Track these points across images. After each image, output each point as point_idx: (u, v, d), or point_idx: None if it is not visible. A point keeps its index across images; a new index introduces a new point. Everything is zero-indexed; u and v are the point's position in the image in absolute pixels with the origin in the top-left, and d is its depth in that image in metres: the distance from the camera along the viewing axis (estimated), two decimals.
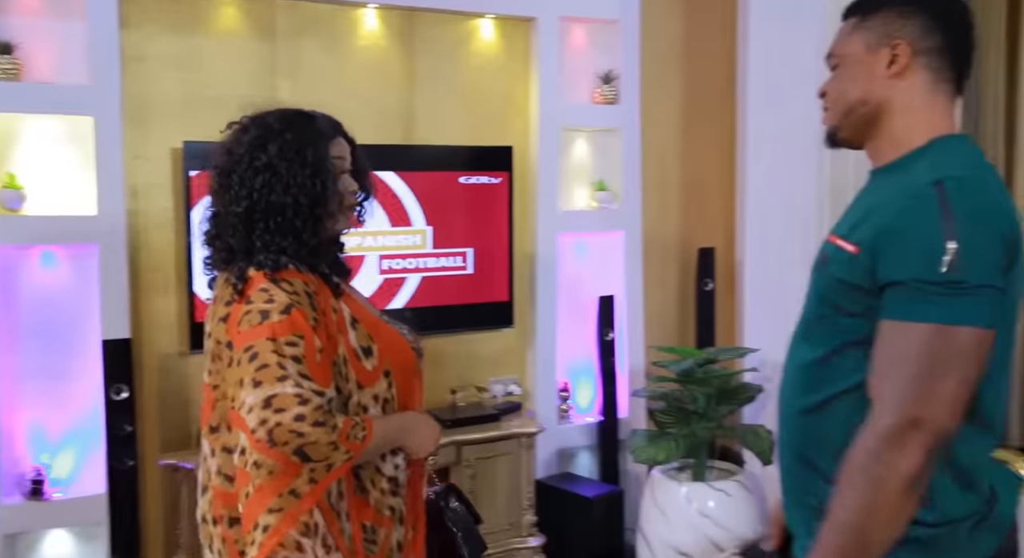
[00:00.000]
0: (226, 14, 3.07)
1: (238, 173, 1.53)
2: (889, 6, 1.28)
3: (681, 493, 3.08)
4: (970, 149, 1.29)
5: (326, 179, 1.53)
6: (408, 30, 3.38)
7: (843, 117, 1.33)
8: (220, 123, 2.99)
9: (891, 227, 1.18)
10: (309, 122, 1.58)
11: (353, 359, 1.53)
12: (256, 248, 1.51)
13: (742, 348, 3.25)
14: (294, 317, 1.43)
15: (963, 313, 1.12)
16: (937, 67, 1.28)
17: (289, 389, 1.39)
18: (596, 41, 3.71)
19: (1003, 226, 1.17)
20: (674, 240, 3.97)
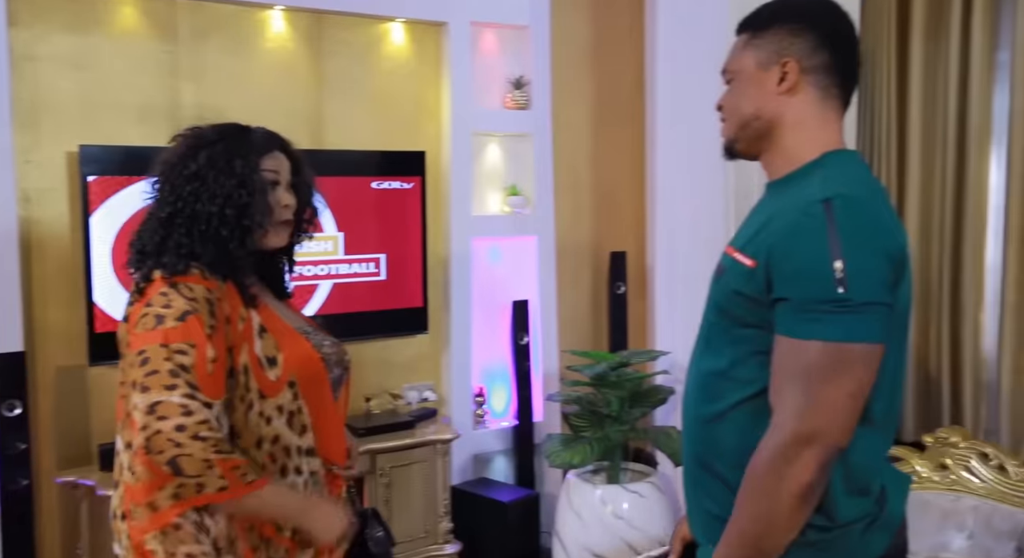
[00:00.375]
0: (124, 14, 2.96)
1: (169, 181, 1.54)
2: (779, 25, 1.32)
3: (596, 496, 3.11)
4: (859, 165, 1.34)
5: (252, 191, 1.53)
6: (316, 33, 3.32)
7: (738, 131, 1.37)
8: (119, 126, 2.96)
9: (782, 244, 1.21)
10: (243, 134, 1.60)
11: (256, 368, 1.52)
12: (167, 251, 1.51)
13: (653, 351, 3.30)
14: (189, 324, 1.43)
15: (851, 330, 1.15)
16: (825, 84, 1.32)
17: (175, 398, 1.38)
18: (507, 46, 3.72)
19: (889, 244, 1.20)
20: (586, 244, 4.01)
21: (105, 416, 2.96)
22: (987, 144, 4.48)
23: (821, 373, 1.16)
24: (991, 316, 4.49)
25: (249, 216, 1.53)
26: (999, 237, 4.45)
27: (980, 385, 4.28)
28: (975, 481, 1.89)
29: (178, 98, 3.05)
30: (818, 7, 1.34)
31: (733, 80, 1.37)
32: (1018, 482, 1.98)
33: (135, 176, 2.85)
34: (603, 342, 4.00)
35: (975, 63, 4.44)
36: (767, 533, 1.18)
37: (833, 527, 1.24)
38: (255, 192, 1.53)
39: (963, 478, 1.91)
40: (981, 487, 1.88)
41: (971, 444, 1.88)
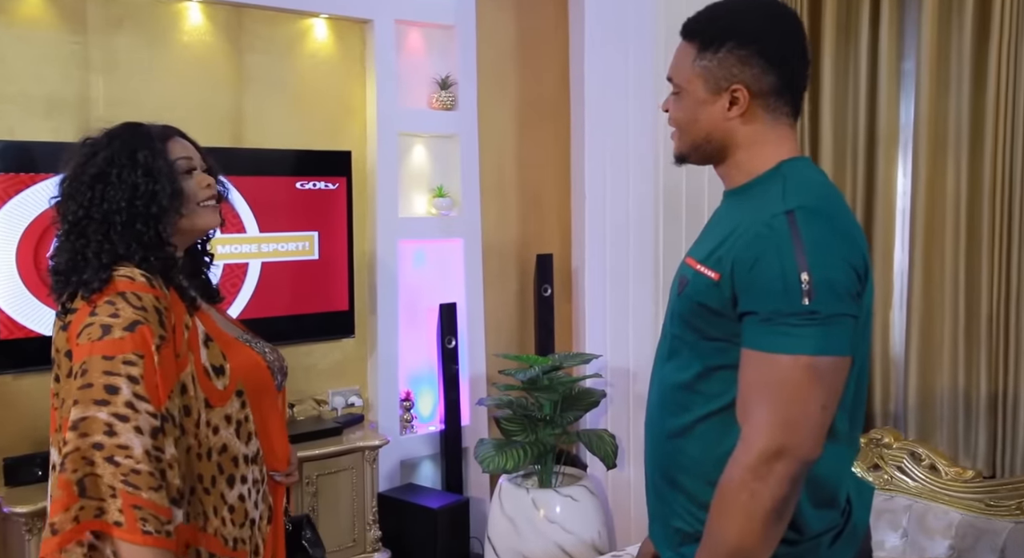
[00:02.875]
0: (28, 2, 2.78)
1: (70, 194, 1.48)
2: (727, 47, 1.28)
3: (528, 500, 3.09)
4: (815, 172, 1.34)
5: (160, 178, 1.48)
6: (236, 27, 3.20)
7: (690, 149, 1.36)
8: (23, 120, 2.78)
9: (747, 257, 1.20)
10: (137, 128, 1.55)
11: (203, 378, 1.48)
12: (85, 266, 1.43)
13: (586, 354, 3.30)
14: (138, 334, 1.37)
15: (820, 343, 1.15)
16: (774, 106, 1.31)
17: (102, 415, 1.32)
18: (433, 46, 3.66)
19: (852, 254, 1.20)
20: (513, 246, 3.98)
21: (10, 428, 2.78)
22: (894, 150, 4.65)
23: (790, 387, 1.14)
24: (899, 316, 4.68)
25: (158, 202, 1.47)
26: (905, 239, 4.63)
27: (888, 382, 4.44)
28: (908, 481, 1.94)
29: (88, 92, 2.89)
30: (768, 25, 1.30)
31: (680, 94, 1.35)
32: (950, 481, 2.05)
33: (41, 173, 2.69)
34: (530, 344, 3.99)
35: (882, 72, 4.62)
36: (743, 551, 1.16)
37: (801, 540, 1.24)
38: (160, 177, 1.48)
39: (896, 478, 1.95)
40: (914, 486, 1.92)
41: (903, 444, 1.93)
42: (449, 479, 3.65)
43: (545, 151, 4.04)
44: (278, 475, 1.65)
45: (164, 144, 1.53)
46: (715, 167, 1.38)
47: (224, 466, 1.50)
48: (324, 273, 3.33)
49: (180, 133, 1.61)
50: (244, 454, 1.53)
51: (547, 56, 4.00)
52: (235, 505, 1.51)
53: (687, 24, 1.35)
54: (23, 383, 2.80)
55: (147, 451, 1.32)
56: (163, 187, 1.48)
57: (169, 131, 1.58)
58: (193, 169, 1.56)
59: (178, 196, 1.50)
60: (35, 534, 2.54)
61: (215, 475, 1.49)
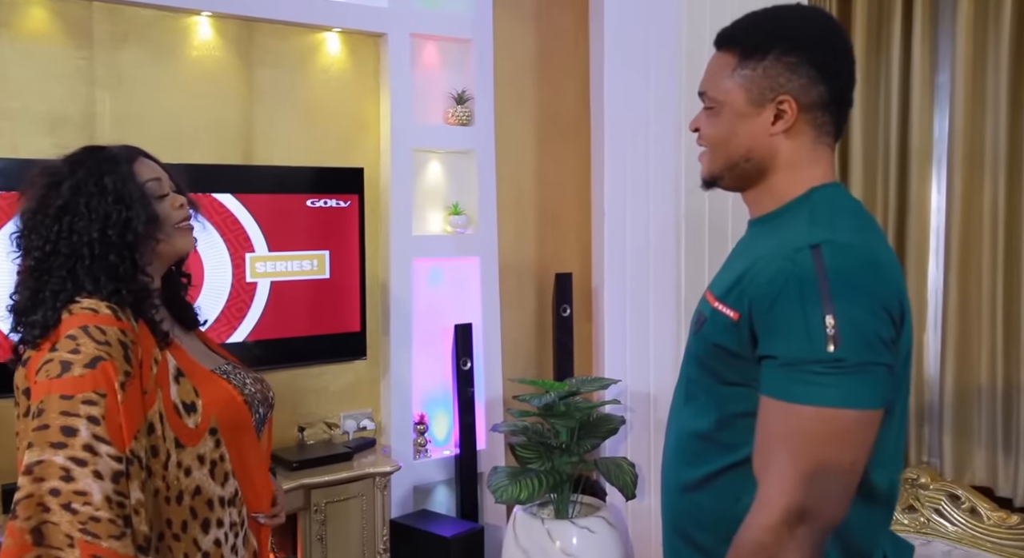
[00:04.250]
0: (32, 16, 2.72)
1: (33, 228, 1.39)
2: (774, 54, 1.17)
3: (544, 531, 2.96)
4: (848, 200, 1.21)
5: (133, 204, 1.40)
6: (247, 41, 3.12)
7: (725, 169, 1.23)
8: (28, 137, 2.71)
9: (766, 295, 1.08)
10: (100, 152, 1.46)
11: (172, 416, 1.39)
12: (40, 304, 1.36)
13: (604, 379, 3.17)
14: (100, 371, 1.28)
15: (845, 395, 1.02)
16: (821, 122, 1.19)
17: (58, 459, 1.23)
18: (449, 60, 3.58)
19: (886, 296, 1.07)
20: (531, 265, 3.88)
21: (7, 456, 2.70)
22: (927, 166, 4.50)
23: (814, 442, 1.02)
24: (933, 338, 4.51)
25: (133, 230, 1.39)
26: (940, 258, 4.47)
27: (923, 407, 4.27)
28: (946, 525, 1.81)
29: (93, 108, 2.83)
30: (816, 32, 1.18)
31: (716, 109, 1.21)
32: (992, 527, 1.90)
33: None
34: (548, 366, 3.87)
35: (915, 85, 4.47)
36: None
37: None
38: (133, 202, 1.40)
39: (934, 521, 1.82)
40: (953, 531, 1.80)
41: (941, 485, 1.79)
42: (464, 506, 3.54)
43: (565, 167, 3.93)
44: (261, 517, 1.56)
45: (131, 167, 1.45)
46: (745, 193, 1.25)
47: (197, 510, 1.41)
48: (335, 293, 3.24)
49: (144, 153, 1.53)
50: (220, 496, 1.44)
51: (567, 70, 3.90)
52: (209, 551, 1.42)
53: (724, 33, 1.23)
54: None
55: (107, 497, 1.24)
56: (137, 213, 1.40)
57: (133, 152, 1.51)
58: (166, 193, 1.48)
59: (154, 221, 1.43)
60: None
61: (187, 520, 1.39)
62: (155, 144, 2.88)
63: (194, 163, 2.93)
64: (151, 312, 1.42)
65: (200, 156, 3.00)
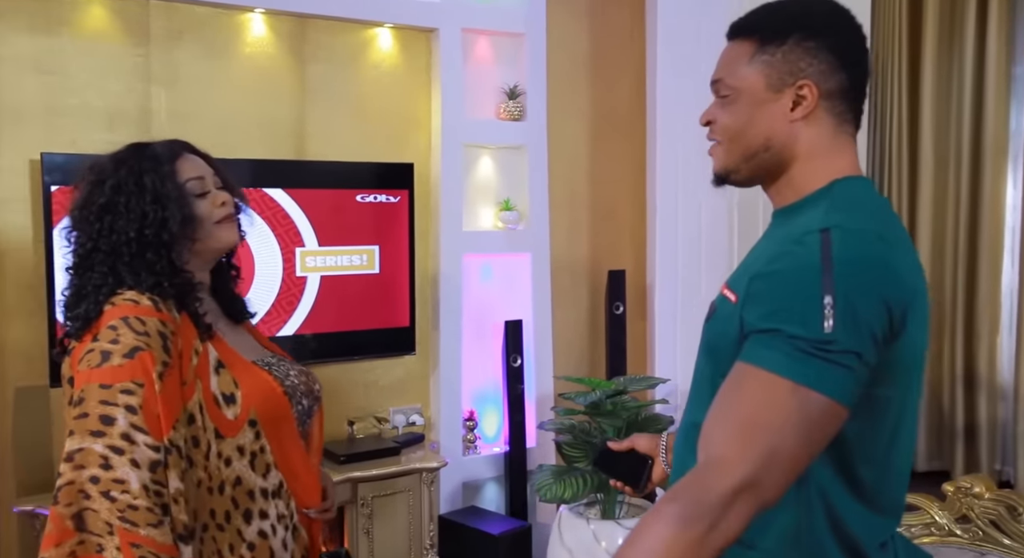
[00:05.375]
0: (92, 14, 2.79)
1: (79, 226, 1.42)
2: (794, 39, 1.13)
3: (589, 531, 2.92)
4: (871, 194, 1.16)
5: (168, 204, 1.41)
6: (299, 37, 3.16)
7: (742, 161, 1.18)
8: (86, 133, 2.79)
9: (764, 272, 1.03)
10: (142, 150, 1.47)
11: (211, 406, 1.39)
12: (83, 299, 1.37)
13: (652, 378, 3.11)
14: (137, 361, 1.29)
15: (823, 379, 0.97)
16: (840, 110, 1.15)
17: (97, 447, 1.25)
18: (501, 55, 3.56)
19: (891, 291, 1.01)
20: (583, 261, 3.83)
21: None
22: (1003, 161, 4.32)
23: (781, 417, 0.97)
24: (1007, 341, 4.31)
25: (168, 230, 1.40)
26: (1015, 257, 4.26)
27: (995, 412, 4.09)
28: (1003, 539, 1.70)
29: (149, 104, 2.89)
30: (835, 19, 1.16)
31: (731, 97, 1.17)
32: None
33: None
34: (600, 364, 3.82)
35: (990, 77, 4.28)
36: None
37: None
38: (169, 203, 1.40)
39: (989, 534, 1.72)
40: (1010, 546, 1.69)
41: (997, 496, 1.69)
42: (513, 503, 3.51)
43: (619, 164, 3.87)
44: (311, 511, 1.55)
45: (173, 165, 1.45)
46: (766, 186, 1.20)
47: (239, 500, 1.41)
48: (385, 288, 3.25)
49: (190, 148, 1.53)
50: (262, 488, 1.43)
51: (621, 65, 3.84)
52: (255, 542, 1.42)
53: (739, 23, 1.19)
54: None
55: (145, 485, 1.25)
56: (172, 213, 1.41)
57: (177, 148, 1.50)
58: (207, 191, 1.48)
59: (189, 222, 1.43)
60: None
61: (229, 510, 1.40)
62: (208, 140, 2.92)
63: (246, 159, 2.97)
64: (194, 305, 1.43)
65: (253, 152, 3.04)
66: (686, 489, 0.97)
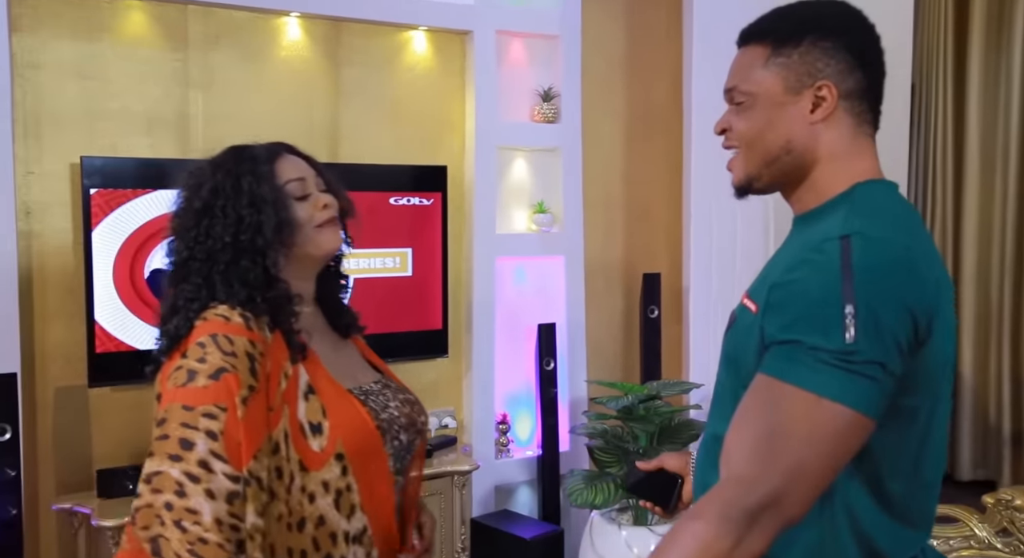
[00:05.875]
0: (132, 20, 2.84)
1: (177, 232, 1.35)
2: (809, 40, 1.11)
3: (621, 538, 2.89)
4: (894, 198, 1.13)
5: (264, 207, 1.32)
6: (334, 41, 3.18)
7: (763, 166, 1.15)
8: (125, 137, 2.83)
9: (783, 281, 1.01)
10: (241, 152, 1.39)
11: (297, 435, 1.28)
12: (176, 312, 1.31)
13: (685, 383, 3.08)
14: (222, 384, 1.21)
15: (846, 390, 0.94)
16: (859, 110, 1.12)
17: (175, 472, 1.17)
18: (535, 57, 3.55)
19: (914, 298, 0.98)
20: (618, 264, 3.80)
21: (106, 439, 2.83)
22: None
23: (805, 430, 0.94)
24: None
25: (263, 234, 1.31)
26: None
27: None
28: None
29: (187, 108, 2.92)
30: (849, 20, 1.14)
31: (748, 103, 1.14)
32: None
33: (140, 189, 2.73)
34: (635, 369, 3.79)
35: None
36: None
37: None
38: (265, 206, 1.32)
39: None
40: None
41: None
42: (546, 507, 3.50)
43: (655, 166, 3.84)
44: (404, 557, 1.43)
45: (272, 166, 1.37)
46: (786, 192, 1.17)
47: (320, 542, 1.29)
48: (418, 290, 3.26)
49: (290, 149, 1.44)
50: (344, 531, 1.31)
51: (657, 66, 3.81)
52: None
53: (750, 28, 1.17)
54: (120, 396, 2.84)
55: (218, 519, 1.17)
56: (268, 217, 1.32)
57: (277, 149, 1.42)
58: (308, 194, 1.39)
59: (286, 226, 1.33)
60: None
61: (307, 550, 1.28)
62: (244, 142, 2.99)
63: None
64: (288, 321, 1.33)
65: None
66: (709, 506, 0.95)
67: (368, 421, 1.35)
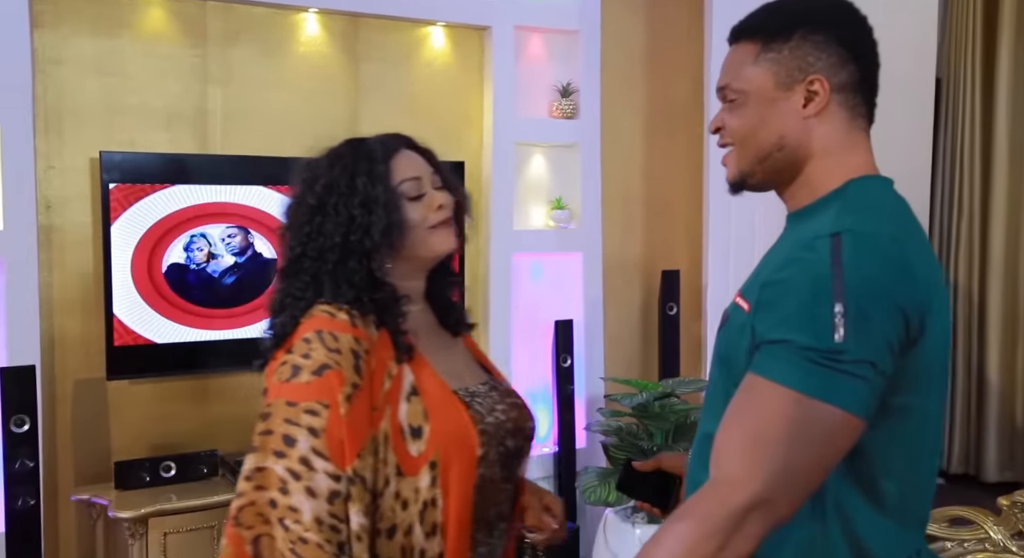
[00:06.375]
0: (151, 16, 2.86)
1: (290, 229, 1.33)
2: (800, 34, 1.09)
3: (635, 536, 2.87)
4: (887, 194, 1.11)
5: (375, 208, 1.28)
6: (352, 37, 3.18)
7: (756, 163, 1.13)
8: (144, 131, 2.86)
9: (773, 280, 1.00)
10: (359, 146, 1.35)
11: (396, 438, 1.24)
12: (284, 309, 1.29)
13: (701, 381, 3.05)
14: (325, 380, 1.19)
15: (836, 390, 0.93)
16: (853, 104, 1.11)
17: (279, 469, 1.16)
18: (554, 52, 3.53)
19: (905, 296, 0.96)
20: (636, 261, 3.78)
21: (123, 432, 2.86)
22: None
23: (794, 431, 0.93)
24: None
25: (371, 237, 1.27)
26: None
27: None
28: None
29: (206, 104, 2.94)
30: (840, 12, 1.12)
31: (740, 100, 1.13)
32: None
33: (158, 183, 2.75)
34: (653, 366, 3.76)
35: None
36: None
37: None
38: (376, 207, 1.27)
39: None
40: None
41: None
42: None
43: (675, 162, 3.81)
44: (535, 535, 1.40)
45: (388, 164, 1.32)
46: (780, 189, 1.16)
47: (407, 552, 1.23)
48: None
49: (408, 143, 1.40)
50: (422, 549, 1.24)
51: (679, 63, 3.78)
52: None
53: (740, 25, 1.16)
54: (137, 389, 2.87)
55: (318, 518, 1.14)
56: (378, 219, 1.27)
57: (395, 145, 1.37)
58: (423, 193, 1.34)
59: (396, 228, 1.29)
60: (138, 539, 2.59)
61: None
62: (262, 139, 3.01)
63: (298, 156, 2.99)
64: (395, 321, 1.29)
65: (305, 149, 3.06)
66: (697, 506, 0.95)
67: (470, 428, 1.28)
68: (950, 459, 4.40)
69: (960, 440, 4.40)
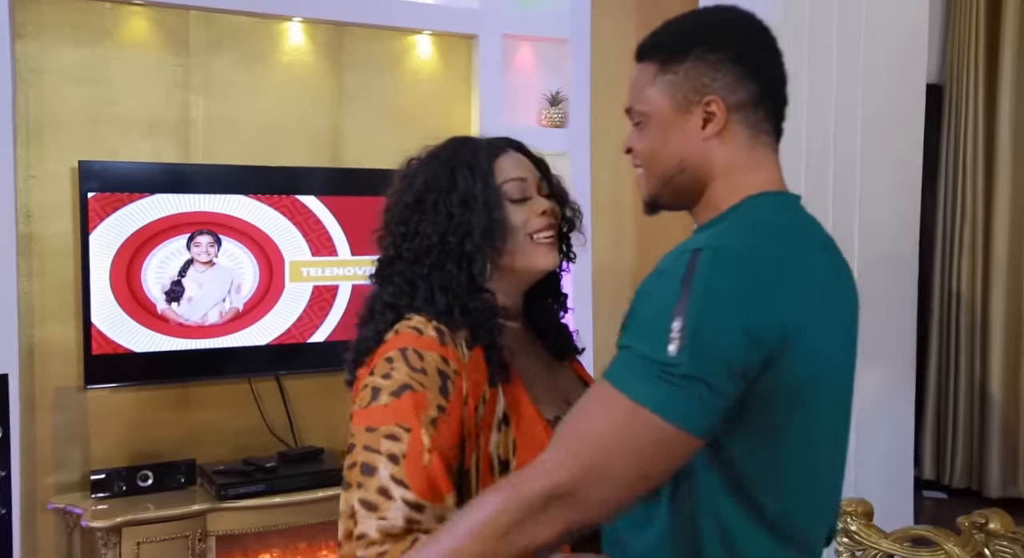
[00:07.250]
0: (134, 25, 2.87)
1: (388, 227, 1.27)
2: (695, 55, 1.07)
3: None
4: (782, 210, 1.08)
5: (476, 206, 1.21)
6: (337, 46, 3.17)
7: (663, 185, 1.12)
8: (126, 141, 2.87)
9: (640, 288, 1.00)
10: (462, 143, 1.31)
11: (485, 470, 1.15)
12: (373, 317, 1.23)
13: None
14: (404, 402, 1.09)
15: (667, 403, 0.91)
16: (754, 121, 1.08)
17: (354, 500, 1.07)
18: (543, 60, 3.51)
19: (755, 317, 0.93)
20: (628, 272, 3.74)
21: (102, 440, 2.86)
22: None
23: (617, 435, 0.93)
24: None
25: (471, 238, 1.19)
26: None
27: None
28: None
29: (188, 113, 2.94)
30: (736, 30, 1.10)
31: (644, 123, 1.12)
32: None
33: (137, 193, 2.75)
34: None
35: None
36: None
37: None
38: (477, 205, 1.20)
39: None
40: None
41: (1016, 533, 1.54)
42: None
43: None
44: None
45: (491, 163, 1.26)
46: (691, 209, 1.14)
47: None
48: None
49: (516, 145, 1.35)
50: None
51: None
52: None
53: (643, 44, 1.14)
54: (116, 397, 2.87)
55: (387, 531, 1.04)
56: (479, 218, 1.20)
57: (501, 145, 1.32)
58: (528, 197, 1.27)
59: (497, 228, 1.21)
60: (111, 548, 2.58)
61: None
62: (246, 148, 3.01)
63: (283, 166, 3.00)
64: (490, 337, 1.19)
65: (288, 159, 3.06)
66: (507, 482, 0.96)
67: None
68: (952, 473, 4.31)
69: (963, 453, 4.31)
